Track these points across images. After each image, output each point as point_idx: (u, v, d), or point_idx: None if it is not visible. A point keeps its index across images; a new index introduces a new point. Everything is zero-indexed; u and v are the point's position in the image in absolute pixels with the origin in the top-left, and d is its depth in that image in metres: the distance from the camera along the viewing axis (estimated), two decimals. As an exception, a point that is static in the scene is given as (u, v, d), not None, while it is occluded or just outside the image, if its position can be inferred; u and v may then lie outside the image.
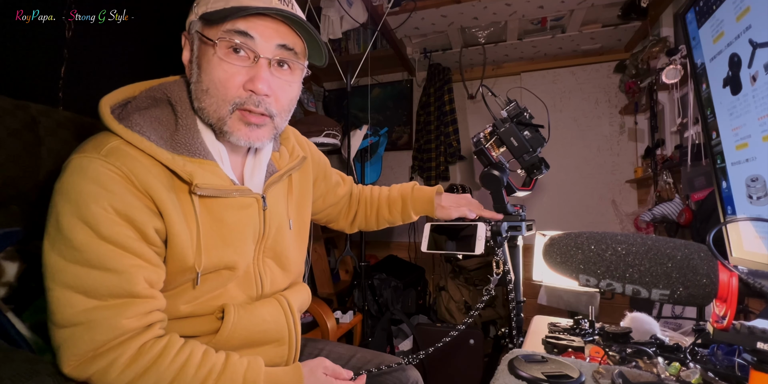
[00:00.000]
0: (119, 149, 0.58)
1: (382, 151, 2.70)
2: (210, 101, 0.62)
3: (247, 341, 0.67)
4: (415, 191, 1.01)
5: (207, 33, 0.61)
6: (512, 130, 0.86)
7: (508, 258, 0.89)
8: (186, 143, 0.63)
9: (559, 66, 2.76)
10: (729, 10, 0.56)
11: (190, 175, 0.59)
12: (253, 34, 0.60)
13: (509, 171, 0.90)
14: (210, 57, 0.61)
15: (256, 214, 0.69)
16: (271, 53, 0.62)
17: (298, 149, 0.81)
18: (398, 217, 1.03)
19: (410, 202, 1.00)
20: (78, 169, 0.55)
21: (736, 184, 0.58)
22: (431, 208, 0.98)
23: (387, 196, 1.04)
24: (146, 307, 0.56)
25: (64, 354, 0.53)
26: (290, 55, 0.64)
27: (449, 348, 1.89)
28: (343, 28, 2.13)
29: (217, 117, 0.63)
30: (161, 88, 0.67)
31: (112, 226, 0.54)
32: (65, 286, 0.53)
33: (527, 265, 1.67)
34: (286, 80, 0.65)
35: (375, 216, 1.04)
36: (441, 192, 1.00)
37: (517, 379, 0.56)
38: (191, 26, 0.64)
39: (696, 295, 0.45)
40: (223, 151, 0.67)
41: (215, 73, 0.61)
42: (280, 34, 0.62)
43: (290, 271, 0.78)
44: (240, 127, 0.63)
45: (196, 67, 0.63)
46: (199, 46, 0.63)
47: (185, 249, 0.61)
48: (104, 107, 0.61)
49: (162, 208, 0.59)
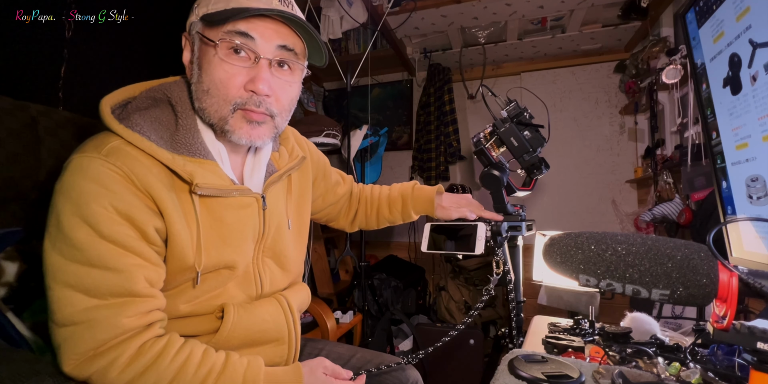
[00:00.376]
0: (120, 149, 0.58)
1: (382, 151, 2.70)
2: (211, 101, 0.62)
3: (246, 341, 0.67)
4: (415, 191, 1.01)
5: (208, 34, 0.62)
6: (512, 130, 0.86)
7: (508, 258, 0.89)
8: (186, 143, 0.63)
9: (559, 66, 2.76)
10: (729, 10, 0.56)
11: (190, 174, 0.60)
12: (253, 34, 0.61)
13: (509, 171, 0.90)
14: (211, 58, 0.62)
15: (256, 213, 0.70)
16: (271, 54, 0.63)
17: (297, 149, 0.82)
18: (398, 217, 1.03)
19: (410, 202, 1.00)
20: (78, 168, 0.56)
21: (736, 184, 0.58)
22: (431, 207, 0.98)
23: (387, 195, 1.04)
24: (146, 306, 0.56)
25: (64, 353, 0.53)
26: (290, 55, 0.65)
27: (449, 348, 1.89)
28: (343, 28, 2.13)
29: (218, 117, 0.63)
30: (161, 88, 0.67)
31: (112, 226, 0.55)
32: (66, 285, 0.53)
33: (527, 265, 1.67)
34: (286, 80, 0.66)
35: (375, 215, 1.05)
36: (441, 192, 1.00)
37: (517, 379, 0.56)
38: (192, 27, 0.65)
39: (696, 295, 0.45)
40: (222, 150, 0.68)
41: (216, 74, 0.61)
42: (280, 34, 0.63)
43: (289, 271, 0.78)
44: (242, 125, 0.63)
45: (196, 67, 0.64)
46: (200, 46, 0.63)
47: (185, 248, 0.61)
48: (105, 107, 0.61)
49: (162, 207, 0.59)
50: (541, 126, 0.89)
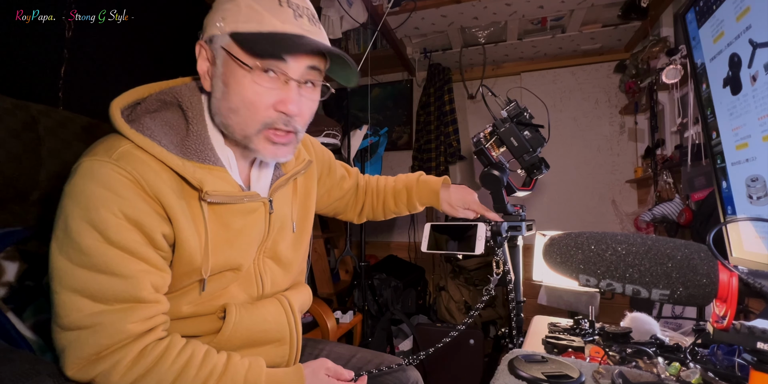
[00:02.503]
0: (130, 154, 0.57)
1: (382, 151, 2.69)
2: (238, 120, 0.62)
3: (248, 341, 0.67)
4: (420, 183, 1.01)
5: (241, 57, 0.59)
6: (512, 130, 0.86)
7: (508, 258, 0.89)
8: (196, 149, 0.63)
9: (559, 66, 2.76)
10: (729, 10, 0.56)
11: (200, 182, 0.60)
12: (286, 58, 0.60)
13: (509, 171, 0.90)
14: (240, 78, 0.60)
15: (263, 218, 0.70)
16: (300, 75, 0.62)
17: (304, 153, 0.83)
18: (404, 208, 1.03)
19: (415, 194, 1.00)
20: (89, 172, 0.55)
21: (736, 184, 0.58)
22: (436, 200, 0.97)
23: (393, 187, 1.04)
24: (150, 312, 0.57)
25: (68, 357, 0.53)
26: (317, 75, 0.65)
27: (449, 348, 1.89)
28: (343, 28, 2.13)
29: (243, 135, 0.63)
30: (171, 91, 0.66)
31: (120, 231, 0.55)
32: (72, 290, 0.53)
33: (527, 265, 1.67)
34: (311, 99, 0.66)
35: (381, 207, 1.05)
36: (448, 184, 0.99)
37: (517, 379, 0.56)
38: (214, 39, 0.61)
39: (696, 295, 0.45)
40: (231, 156, 0.68)
41: (247, 94, 0.60)
42: (309, 56, 0.63)
43: (291, 272, 0.79)
44: (266, 146, 0.64)
45: (221, 83, 0.62)
46: (226, 63, 0.61)
47: (194, 254, 0.61)
48: (114, 110, 0.61)
49: (171, 214, 0.59)
50: (541, 126, 0.89)
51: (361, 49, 2.64)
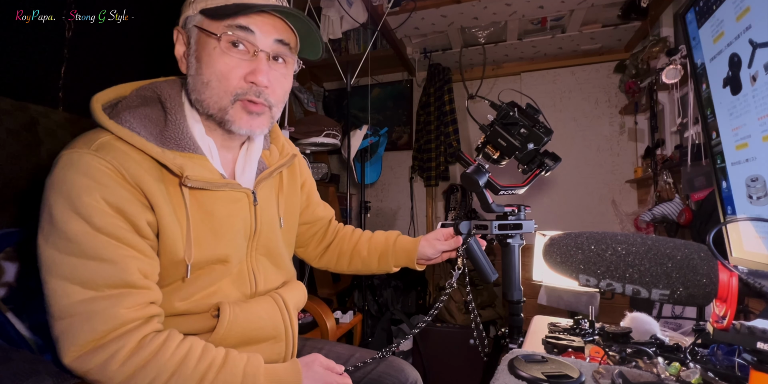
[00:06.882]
0: (110, 144, 0.59)
1: (382, 151, 2.70)
2: (210, 93, 0.64)
3: (243, 339, 0.68)
4: (397, 243, 0.94)
5: (209, 27, 0.63)
6: (496, 132, 0.87)
7: (474, 256, 0.92)
8: (175, 138, 0.64)
9: (559, 66, 2.76)
10: (729, 10, 0.56)
11: (180, 167, 0.60)
12: (253, 28, 0.63)
13: (488, 172, 0.90)
14: (211, 50, 0.63)
15: (247, 208, 0.71)
16: (269, 48, 0.65)
17: (288, 147, 0.84)
18: (374, 259, 0.95)
19: (391, 254, 0.94)
20: (69, 163, 0.56)
21: (736, 184, 0.58)
22: (411, 261, 0.93)
23: (369, 236, 0.98)
24: (144, 298, 0.57)
25: (63, 345, 0.53)
26: (286, 49, 0.68)
27: (449, 348, 1.89)
28: (343, 28, 2.13)
29: (218, 107, 0.65)
30: (152, 87, 0.68)
31: (105, 218, 0.55)
32: (61, 278, 0.53)
33: (527, 265, 1.67)
34: (282, 73, 0.69)
35: (349, 254, 0.97)
36: (417, 240, 0.93)
37: (517, 379, 0.56)
38: (188, 21, 0.66)
39: (696, 295, 0.45)
40: (212, 145, 0.69)
41: (217, 66, 0.63)
42: (277, 29, 0.66)
43: (283, 269, 0.80)
44: (242, 116, 0.66)
45: (194, 60, 0.65)
46: (198, 39, 0.65)
47: (176, 241, 0.62)
48: (95, 104, 0.63)
49: (153, 201, 0.60)
50: (533, 122, 0.88)
51: (361, 49, 2.64)
